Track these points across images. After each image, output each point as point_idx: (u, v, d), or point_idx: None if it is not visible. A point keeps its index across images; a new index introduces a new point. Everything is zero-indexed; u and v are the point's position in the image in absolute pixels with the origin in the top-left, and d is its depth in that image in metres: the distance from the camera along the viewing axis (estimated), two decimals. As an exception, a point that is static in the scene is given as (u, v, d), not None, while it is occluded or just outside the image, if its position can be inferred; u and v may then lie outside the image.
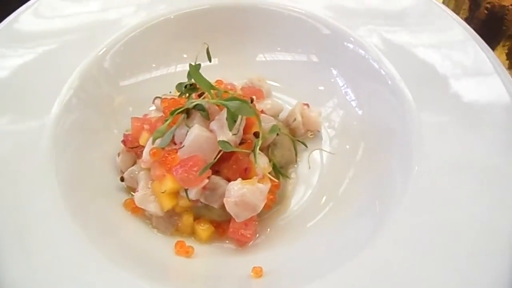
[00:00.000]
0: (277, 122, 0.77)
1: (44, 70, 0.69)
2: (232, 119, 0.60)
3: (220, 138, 0.61)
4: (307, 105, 0.80)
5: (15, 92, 0.67)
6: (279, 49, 0.83)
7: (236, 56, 0.81)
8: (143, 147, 0.68)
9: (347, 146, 0.74)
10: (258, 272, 0.58)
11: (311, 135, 0.80)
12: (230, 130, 0.61)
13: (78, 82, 0.69)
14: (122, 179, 0.70)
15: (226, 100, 0.61)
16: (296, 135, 0.79)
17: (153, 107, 0.77)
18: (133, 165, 0.71)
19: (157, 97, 0.76)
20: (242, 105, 0.59)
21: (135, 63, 0.76)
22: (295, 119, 0.77)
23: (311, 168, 0.76)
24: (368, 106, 0.73)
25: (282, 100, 0.84)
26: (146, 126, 0.69)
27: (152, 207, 0.65)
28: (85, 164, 0.68)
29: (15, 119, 0.65)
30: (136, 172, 0.69)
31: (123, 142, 0.71)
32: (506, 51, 0.84)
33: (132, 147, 0.70)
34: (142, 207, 0.65)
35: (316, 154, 0.78)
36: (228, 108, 0.60)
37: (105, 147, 0.73)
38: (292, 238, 0.66)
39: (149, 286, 0.52)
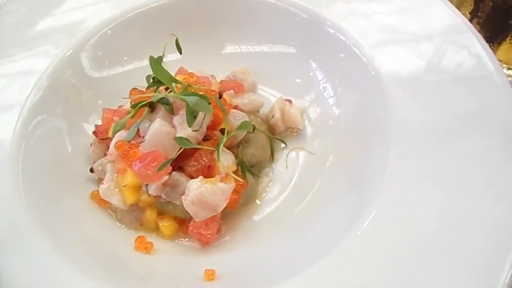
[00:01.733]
0: (256, 118, 0.74)
1: (17, 63, 0.69)
2: (191, 115, 0.58)
3: (179, 134, 0.59)
4: (290, 101, 0.76)
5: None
6: (254, 40, 0.79)
7: (210, 49, 0.78)
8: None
9: (326, 143, 0.70)
10: (209, 275, 0.56)
11: (293, 133, 0.77)
12: (189, 126, 0.58)
13: (46, 82, 0.69)
14: (91, 170, 0.70)
15: (185, 95, 0.58)
16: (276, 133, 0.75)
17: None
18: (103, 156, 0.70)
19: (133, 88, 0.74)
20: (200, 101, 0.57)
21: (107, 57, 0.75)
22: (273, 116, 0.74)
23: (288, 167, 0.72)
24: (345, 100, 0.69)
25: (267, 94, 0.81)
26: (116, 118, 0.68)
27: (115, 200, 0.64)
28: (55, 157, 0.68)
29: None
30: (105, 163, 0.68)
31: (94, 133, 0.70)
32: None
33: (103, 139, 0.70)
34: (106, 199, 0.65)
35: (295, 153, 0.74)
36: (187, 103, 0.57)
37: (80, 138, 0.73)
38: (257, 240, 0.64)
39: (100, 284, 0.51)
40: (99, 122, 0.72)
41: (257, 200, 0.69)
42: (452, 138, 0.56)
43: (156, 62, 0.60)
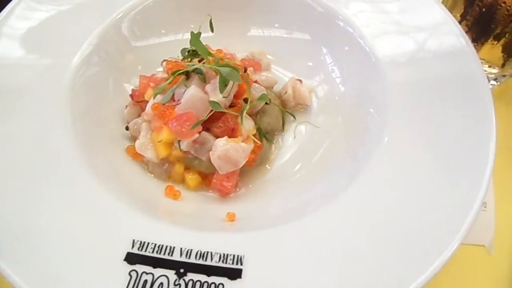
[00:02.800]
0: (270, 93, 0.85)
1: (69, 26, 0.79)
2: (223, 83, 0.68)
3: (211, 98, 0.69)
4: (300, 80, 0.87)
5: (43, 41, 0.77)
6: (276, 25, 0.91)
7: (237, 30, 0.89)
8: (147, 101, 0.78)
9: (330, 118, 0.82)
10: (231, 217, 0.67)
11: (301, 108, 0.88)
12: (221, 92, 0.69)
13: (97, 40, 0.79)
14: (127, 128, 0.80)
15: (220, 66, 0.69)
16: (287, 107, 0.86)
17: (161, 69, 0.86)
18: (137, 117, 0.81)
19: (164, 60, 0.85)
20: (232, 72, 0.68)
21: (148, 28, 0.86)
22: (286, 92, 0.85)
23: (296, 137, 0.84)
24: (349, 82, 0.81)
25: (279, 74, 0.92)
26: (152, 84, 0.78)
27: (149, 154, 0.75)
28: (97, 112, 0.78)
29: (42, 61, 0.75)
30: (140, 122, 0.78)
31: (131, 96, 0.81)
32: (502, 47, 0.88)
33: (138, 101, 0.80)
34: (141, 153, 0.75)
35: (303, 126, 0.86)
36: (220, 73, 0.68)
37: (115, 99, 0.83)
38: (269, 194, 0.75)
39: (142, 216, 0.61)
40: (129, 86, 0.83)
41: (267, 165, 0.81)
42: (436, 114, 0.68)
43: (196, 37, 0.71)
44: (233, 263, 0.56)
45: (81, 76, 0.77)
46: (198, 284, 0.54)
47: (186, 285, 0.53)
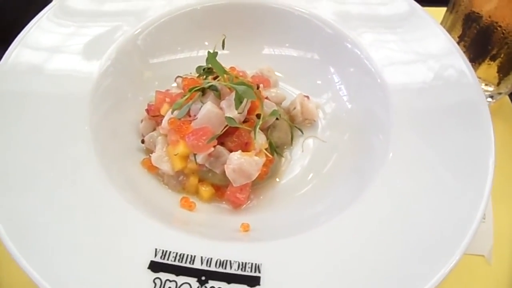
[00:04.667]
0: (279, 109, 0.89)
1: (88, 43, 0.83)
2: (238, 100, 0.72)
3: (227, 114, 0.73)
4: (308, 97, 0.91)
5: (64, 57, 0.81)
6: (287, 45, 0.95)
7: (249, 48, 0.93)
8: (163, 116, 0.81)
9: (336, 134, 0.86)
10: (245, 227, 0.71)
11: (308, 123, 0.92)
12: (237, 109, 0.73)
13: (115, 54, 0.83)
14: (142, 141, 0.83)
15: (236, 84, 0.73)
16: (295, 122, 0.90)
17: (175, 84, 0.90)
18: (153, 130, 0.84)
19: (178, 76, 0.89)
20: (247, 90, 0.72)
21: (164, 45, 0.90)
22: (295, 108, 0.89)
23: (304, 151, 0.88)
24: (356, 101, 0.85)
25: (287, 90, 0.96)
26: (167, 99, 0.82)
27: (165, 166, 0.78)
28: (114, 126, 0.82)
29: (64, 73, 0.79)
30: (155, 136, 0.82)
31: (147, 110, 0.84)
32: (497, 67, 0.93)
33: (154, 116, 0.83)
34: (157, 166, 0.78)
35: (310, 140, 0.90)
36: (236, 91, 0.72)
37: (131, 114, 0.87)
38: (279, 205, 0.79)
39: (162, 226, 0.64)
40: (144, 101, 0.87)
41: (277, 178, 0.84)
42: (438, 132, 0.72)
43: (212, 56, 0.75)
44: (251, 271, 0.59)
45: (99, 89, 0.80)
46: (219, 290, 0.57)
47: (208, 291, 0.57)
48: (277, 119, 0.83)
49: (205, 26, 0.90)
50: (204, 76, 0.80)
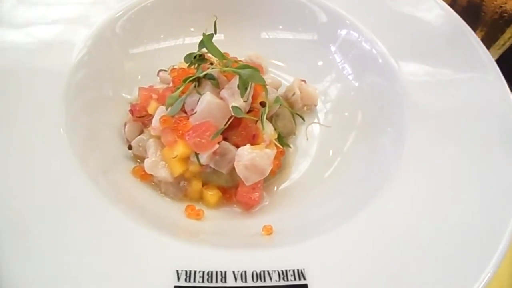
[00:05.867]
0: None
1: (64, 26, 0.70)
2: (244, 86, 0.63)
3: (233, 103, 0.64)
4: (304, 81, 0.84)
5: (39, 39, 0.68)
6: (280, 27, 0.87)
7: (239, 33, 0.84)
8: (151, 115, 0.70)
9: (346, 114, 0.79)
10: (268, 230, 0.62)
11: (307, 109, 0.85)
12: (242, 96, 0.64)
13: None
14: (130, 147, 0.72)
15: (238, 68, 0.64)
16: (294, 109, 0.83)
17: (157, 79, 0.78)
18: (140, 133, 0.73)
19: (161, 70, 0.78)
20: (253, 73, 0.63)
21: (145, 32, 0.78)
22: (294, 94, 0.82)
23: (309, 139, 0.80)
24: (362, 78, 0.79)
25: (279, 77, 0.88)
26: (154, 96, 0.71)
27: (163, 173, 0.67)
28: (93, 131, 0.69)
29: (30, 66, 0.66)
30: (145, 139, 0.70)
31: (131, 111, 0.72)
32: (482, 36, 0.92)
33: (140, 116, 0.72)
34: (152, 173, 0.67)
35: (312, 127, 0.83)
36: (240, 76, 0.63)
37: (111, 118, 0.74)
38: (295, 202, 0.71)
39: (177, 242, 0.54)
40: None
41: (287, 171, 0.76)
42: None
43: (208, 38, 0.65)
44: (295, 279, 0.50)
45: (71, 86, 0.67)
46: (264, 309, 0.48)
47: (251, 312, 0.47)
48: (279, 106, 0.74)
49: (190, 9, 0.79)
50: (196, 65, 0.70)
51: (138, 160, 0.72)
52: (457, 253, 0.54)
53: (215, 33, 0.72)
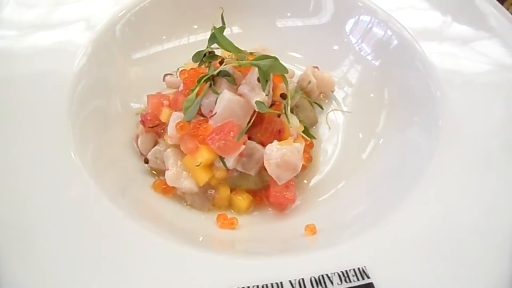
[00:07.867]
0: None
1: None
2: (264, 79, 0.58)
3: (256, 99, 0.59)
4: (317, 67, 0.79)
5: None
6: (289, 14, 0.82)
7: (243, 25, 0.80)
8: (164, 124, 0.65)
9: (372, 95, 0.75)
10: (312, 230, 0.57)
11: (323, 97, 0.80)
12: (263, 90, 0.59)
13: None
14: (146, 161, 0.66)
15: (256, 59, 0.59)
16: (311, 98, 0.78)
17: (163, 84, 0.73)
18: (154, 145, 0.67)
19: (167, 74, 0.73)
20: (274, 63, 0.58)
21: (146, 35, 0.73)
22: (309, 82, 0.77)
23: (331, 128, 0.76)
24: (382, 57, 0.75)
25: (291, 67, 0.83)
26: (165, 102, 0.66)
27: (187, 183, 0.62)
28: (105, 150, 0.64)
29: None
30: (161, 150, 0.65)
31: (142, 122, 0.67)
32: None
33: (152, 126, 0.67)
34: (175, 185, 0.62)
35: (331, 115, 0.78)
36: (259, 68, 0.58)
37: (119, 131, 0.69)
38: (330, 196, 0.66)
39: (223, 258, 0.49)
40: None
41: (317, 160, 0.71)
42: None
43: (220, 32, 0.60)
44: (358, 279, 0.46)
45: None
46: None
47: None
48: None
49: (190, 6, 0.73)
50: (207, 63, 0.65)
51: (154, 172, 0.67)
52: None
53: (224, 25, 0.66)
